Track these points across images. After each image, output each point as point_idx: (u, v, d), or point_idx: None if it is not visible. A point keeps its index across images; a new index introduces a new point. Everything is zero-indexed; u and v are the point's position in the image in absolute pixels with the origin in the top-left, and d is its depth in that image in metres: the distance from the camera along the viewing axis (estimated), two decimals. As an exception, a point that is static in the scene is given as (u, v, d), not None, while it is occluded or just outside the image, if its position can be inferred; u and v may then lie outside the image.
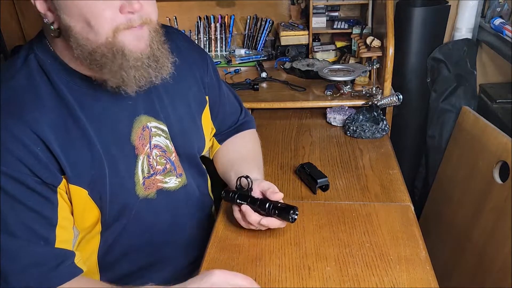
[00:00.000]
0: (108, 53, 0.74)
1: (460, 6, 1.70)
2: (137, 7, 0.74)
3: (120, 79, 0.77)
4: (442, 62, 1.69)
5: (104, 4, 0.72)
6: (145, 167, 0.91)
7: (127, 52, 0.75)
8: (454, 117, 1.67)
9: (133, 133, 0.88)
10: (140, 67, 0.77)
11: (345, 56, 1.83)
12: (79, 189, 0.81)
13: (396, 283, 0.83)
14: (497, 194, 1.33)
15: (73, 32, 0.74)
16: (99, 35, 0.73)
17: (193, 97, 1.00)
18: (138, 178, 0.89)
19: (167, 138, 0.94)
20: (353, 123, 1.40)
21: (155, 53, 0.79)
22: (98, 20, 0.72)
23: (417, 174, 1.91)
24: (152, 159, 0.92)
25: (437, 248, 1.59)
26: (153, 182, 0.93)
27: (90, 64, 0.76)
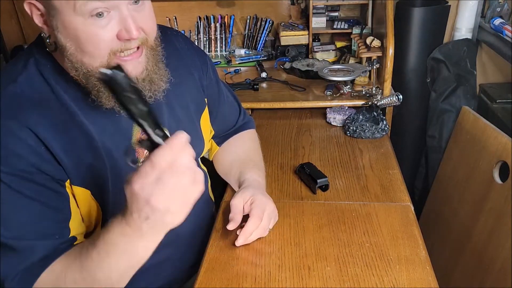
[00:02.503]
0: None
1: (460, 6, 1.70)
2: (135, 35, 0.73)
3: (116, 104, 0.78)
4: (442, 62, 1.69)
5: (101, 31, 0.71)
6: None
7: None
8: (454, 117, 1.67)
9: (133, 137, 0.88)
10: None
11: (345, 56, 1.83)
12: (82, 190, 0.82)
13: (396, 283, 0.83)
14: (497, 194, 1.33)
15: (68, 53, 0.74)
16: (93, 59, 0.73)
17: (192, 100, 1.00)
18: None
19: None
20: (353, 123, 1.40)
21: (150, 75, 0.80)
22: (93, 45, 0.72)
23: (417, 174, 1.91)
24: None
25: (437, 248, 1.59)
26: None
27: (87, 85, 0.76)
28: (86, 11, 0.69)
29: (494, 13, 1.64)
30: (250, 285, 0.85)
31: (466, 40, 1.70)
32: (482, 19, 1.70)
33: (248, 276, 0.87)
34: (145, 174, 0.63)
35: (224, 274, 0.87)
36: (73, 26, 0.71)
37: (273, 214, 0.98)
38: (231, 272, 0.88)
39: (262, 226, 0.94)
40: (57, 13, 0.70)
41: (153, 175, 0.63)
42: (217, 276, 0.87)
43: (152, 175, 0.63)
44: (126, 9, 0.71)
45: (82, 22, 0.70)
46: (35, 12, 0.73)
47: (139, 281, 0.95)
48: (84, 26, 0.70)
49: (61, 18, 0.70)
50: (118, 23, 0.72)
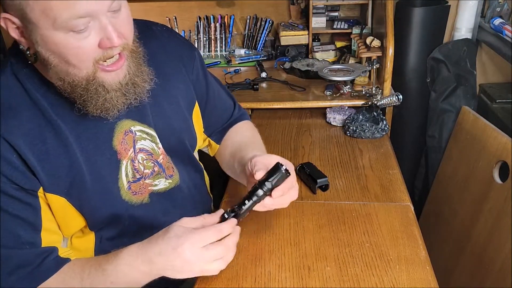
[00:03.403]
0: (91, 87, 0.75)
1: (460, 6, 1.70)
2: (117, 42, 0.73)
3: (103, 110, 0.79)
4: (442, 62, 1.69)
5: (82, 42, 0.71)
6: (130, 171, 0.90)
7: (107, 85, 0.76)
8: (454, 117, 1.67)
9: (114, 138, 0.87)
10: (120, 96, 0.79)
11: (345, 56, 1.83)
12: (56, 197, 0.82)
13: (395, 283, 0.83)
14: (497, 194, 1.33)
15: (51, 65, 0.73)
16: (79, 70, 0.73)
17: (182, 95, 0.99)
18: (122, 183, 0.89)
19: (153, 141, 0.94)
20: (353, 123, 1.40)
21: (132, 79, 0.80)
22: (77, 58, 0.72)
23: (417, 174, 1.91)
24: (138, 163, 0.91)
25: (437, 248, 1.59)
26: (142, 187, 0.93)
27: (71, 94, 0.76)
28: (67, 27, 0.69)
29: (494, 13, 1.64)
30: (250, 285, 0.85)
31: (466, 40, 1.70)
32: (482, 19, 1.70)
33: (248, 276, 0.87)
34: (205, 238, 0.75)
35: (224, 274, 0.87)
36: (53, 41, 0.70)
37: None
38: (231, 272, 0.87)
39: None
40: (36, 28, 0.69)
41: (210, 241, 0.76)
42: (217, 276, 0.87)
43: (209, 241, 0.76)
44: (105, 18, 0.71)
45: (63, 36, 0.69)
46: (10, 26, 0.72)
47: None
48: (65, 40, 0.70)
49: (40, 33, 0.70)
50: (99, 32, 0.72)
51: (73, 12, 0.67)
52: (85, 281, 0.79)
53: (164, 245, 0.75)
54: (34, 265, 0.78)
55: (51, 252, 0.81)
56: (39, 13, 0.67)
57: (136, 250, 0.77)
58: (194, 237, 0.74)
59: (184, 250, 0.73)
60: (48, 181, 0.79)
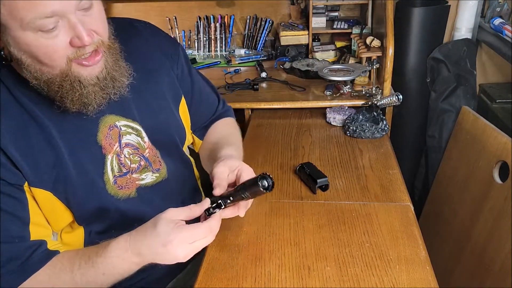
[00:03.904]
0: (65, 84, 0.75)
1: (460, 6, 1.70)
2: (88, 41, 0.72)
3: (81, 105, 0.79)
4: (441, 62, 1.69)
5: (52, 41, 0.70)
6: (115, 166, 0.91)
7: (83, 80, 0.76)
8: (454, 117, 1.67)
9: (99, 133, 0.88)
10: (98, 90, 0.79)
11: (345, 56, 1.83)
12: (42, 191, 0.82)
13: (395, 283, 0.83)
14: (497, 194, 1.33)
15: (25, 65, 0.73)
16: (52, 68, 0.73)
17: (168, 88, 1.00)
18: (108, 177, 0.89)
19: (138, 135, 0.94)
20: (353, 123, 1.40)
21: (110, 73, 0.80)
22: (48, 57, 0.72)
23: (417, 174, 1.91)
24: (124, 157, 0.92)
25: (437, 248, 1.59)
26: (129, 181, 0.93)
27: (48, 92, 0.77)
28: (35, 27, 0.68)
29: (494, 13, 1.64)
30: (250, 285, 0.85)
31: (466, 40, 1.70)
32: (482, 19, 1.70)
33: (248, 276, 0.87)
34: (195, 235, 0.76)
35: (224, 274, 0.87)
36: (24, 42, 0.70)
37: None
38: (231, 272, 0.88)
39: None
40: (5, 29, 0.69)
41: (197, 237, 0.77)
42: (217, 276, 0.87)
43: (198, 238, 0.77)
44: (74, 17, 0.71)
45: (32, 36, 0.69)
46: None
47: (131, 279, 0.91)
48: (35, 40, 0.70)
49: (11, 34, 0.70)
50: (68, 31, 0.71)
51: (39, 12, 0.67)
52: (75, 273, 0.79)
53: (153, 241, 0.76)
54: (23, 258, 0.79)
55: (40, 245, 0.82)
56: (7, 14, 0.67)
57: (124, 242, 0.78)
58: (184, 235, 0.76)
59: (174, 247, 0.75)
60: (33, 176, 0.80)
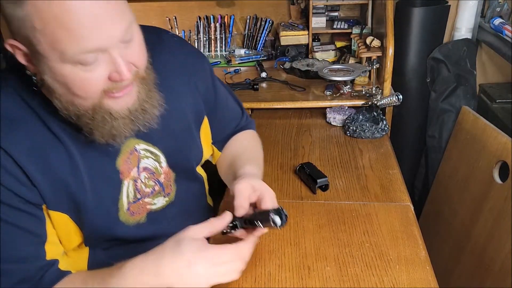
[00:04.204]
0: (97, 116, 0.72)
1: (460, 6, 1.70)
2: (127, 76, 0.69)
3: (110, 137, 0.76)
4: (441, 62, 1.69)
5: (90, 75, 0.68)
6: (131, 192, 0.87)
7: (114, 113, 0.73)
8: (454, 117, 1.67)
9: (119, 157, 0.84)
10: (128, 123, 0.76)
11: (345, 56, 1.83)
12: (59, 214, 0.79)
13: (395, 283, 0.83)
14: (497, 194, 1.33)
15: (56, 94, 0.71)
16: (84, 100, 0.71)
17: (190, 109, 0.96)
18: (122, 204, 0.86)
19: (156, 160, 0.91)
20: (353, 123, 1.40)
21: (142, 105, 0.76)
22: (84, 90, 0.69)
23: (417, 174, 1.91)
24: (140, 183, 0.89)
25: (437, 248, 1.59)
26: (141, 206, 0.90)
27: (78, 122, 0.74)
28: (74, 61, 0.66)
29: (494, 13, 1.64)
30: (250, 285, 0.85)
31: (466, 40, 1.70)
32: (482, 19, 1.70)
33: (248, 276, 0.87)
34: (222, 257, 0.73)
35: (224, 274, 0.87)
36: (60, 73, 0.68)
37: None
38: (231, 272, 0.87)
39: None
40: (43, 58, 0.67)
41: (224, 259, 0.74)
42: (217, 276, 0.87)
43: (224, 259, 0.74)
44: (115, 51, 0.68)
45: (70, 69, 0.67)
46: (18, 52, 0.69)
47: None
48: (72, 73, 0.67)
49: (48, 64, 0.67)
50: (108, 65, 0.69)
51: (82, 47, 0.65)
52: None
53: (176, 260, 0.72)
54: (36, 278, 0.76)
55: (53, 264, 0.79)
56: (47, 46, 0.65)
57: (141, 263, 0.74)
58: (210, 254, 0.72)
59: (198, 268, 0.71)
60: (51, 198, 0.77)
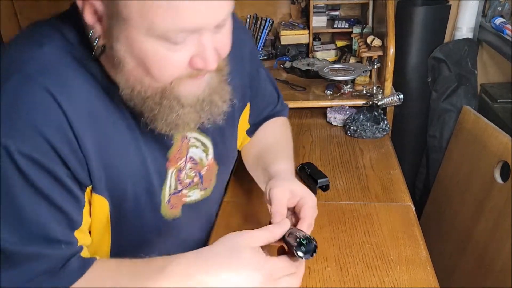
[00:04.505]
0: (165, 102, 0.63)
1: (461, 6, 1.70)
2: (213, 66, 0.61)
3: (173, 128, 0.66)
4: (442, 61, 1.68)
5: (172, 55, 0.59)
6: (173, 182, 0.78)
7: (182, 99, 0.64)
8: (455, 116, 1.66)
9: (173, 146, 0.76)
10: (192, 112, 0.66)
11: (346, 56, 1.83)
12: (102, 200, 0.68)
13: (396, 284, 0.83)
14: (498, 194, 1.33)
15: (125, 68, 0.61)
16: (155, 82, 0.61)
17: (239, 93, 0.85)
18: (164, 195, 0.77)
19: (204, 151, 0.82)
20: (353, 122, 1.39)
21: (211, 95, 0.67)
22: (160, 70, 0.60)
23: (418, 174, 1.90)
24: (184, 173, 0.80)
25: (438, 248, 1.58)
26: (179, 199, 0.82)
27: (141, 106, 0.64)
28: (162, 36, 0.57)
29: (495, 12, 1.63)
30: (250, 286, 0.84)
31: (467, 40, 1.70)
32: (483, 19, 1.69)
33: (248, 276, 0.86)
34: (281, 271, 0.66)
35: (224, 274, 0.87)
36: (139, 46, 0.58)
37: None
38: (231, 273, 0.87)
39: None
40: (123, 24, 0.56)
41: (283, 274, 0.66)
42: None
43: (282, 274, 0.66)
44: (207, 34, 0.59)
45: (153, 44, 0.57)
46: (88, 9, 0.58)
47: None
48: (154, 49, 0.58)
49: (127, 32, 0.57)
50: (195, 47, 0.60)
51: (178, 24, 0.56)
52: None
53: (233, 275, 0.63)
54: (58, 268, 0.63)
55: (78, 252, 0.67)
56: (135, 12, 0.55)
57: (186, 268, 0.64)
58: (269, 271, 0.64)
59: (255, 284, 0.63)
60: (101, 180, 0.66)
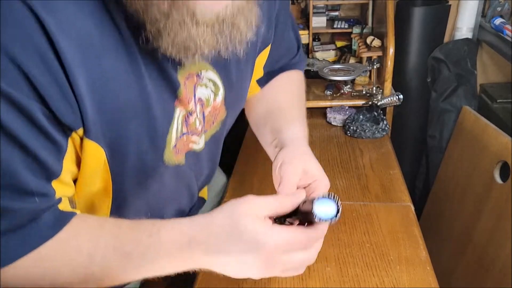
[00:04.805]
0: (175, 14, 0.50)
1: (461, 6, 1.70)
2: None
3: (181, 50, 0.53)
4: (442, 61, 1.69)
5: None
6: (179, 124, 0.66)
7: (198, 14, 0.50)
8: (455, 117, 1.66)
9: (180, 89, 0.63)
10: (209, 33, 0.53)
11: (345, 56, 1.83)
12: (96, 147, 0.56)
13: (396, 284, 0.83)
14: (497, 194, 1.33)
15: None
16: None
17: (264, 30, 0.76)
18: (170, 138, 0.65)
19: (214, 91, 0.70)
20: (353, 123, 1.39)
21: (235, 16, 0.54)
22: None
23: (417, 174, 1.90)
24: (195, 117, 0.68)
25: (437, 248, 1.58)
26: (185, 144, 0.69)
27: (144, 15, 0.51)
28: None
29: (495, 12, 1.63)
30: (250, 285, 0.84)
31: (466, 40, 1.70)
32: (482, 19, 1.69)
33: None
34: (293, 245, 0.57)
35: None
36: None
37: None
38: (231, 273, 0.87)
39: None
40: None
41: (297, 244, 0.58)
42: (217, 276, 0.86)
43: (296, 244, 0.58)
44: None
45: None
46: None
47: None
48: None
49: None
50: None
51: None
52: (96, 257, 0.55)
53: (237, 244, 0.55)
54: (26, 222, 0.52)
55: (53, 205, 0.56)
56: None
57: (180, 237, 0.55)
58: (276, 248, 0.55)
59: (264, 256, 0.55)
60: (96, 122, 0.53)
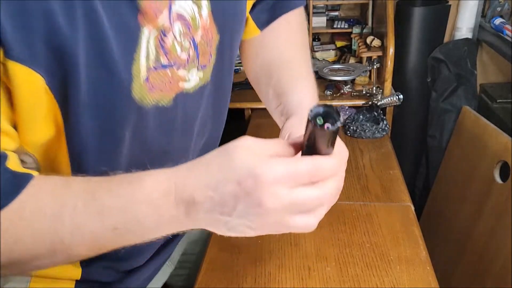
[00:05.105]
0: None
1: (461, 6, 1.70)
2: None
3: None
4: (442, 61, 1.69)
5: None
6: (152, 50, 0.51)
7: None
8: (455, 117, 1.66)
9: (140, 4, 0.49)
10: None
11: (345, 56, 1.83)
12: (29, 73, 0.43)
13: (396, 283, 0.83)
14: (497, 194, 1.33)
15: None
16: None
17: None
18: (138, 68, 0.50)
19: (196, 4, 0.56)
20: (353, 123, 1.40)
21: None
22: None
23: (417, 174, 1.90)
24: (172, 38, 0.53)
25: (437, 248, 1.58)
26: (169, 81, 0.55)
27: None
28: None
29: (495, 12, 1.63)
30: (250, 285, 0.85)
31: (466, 40, 1.70)
32: (482, 19, 1.69)
33: (248, 276, 0.86)
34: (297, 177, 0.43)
35: (224, 274, 0.87)
36: None
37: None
38: (231, 272, 0.87)
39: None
40: None
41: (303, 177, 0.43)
42: (217, 276, 0.87)
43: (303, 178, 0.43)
44: None
45: None
46: None
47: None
48: None
49: None
50: None
51: None
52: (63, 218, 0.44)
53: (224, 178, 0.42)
54: None
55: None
56: None
57: (166, 181, 0.44)
58: (280, 169, 0.42)
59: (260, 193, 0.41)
60: (18, 37, 0.41)
